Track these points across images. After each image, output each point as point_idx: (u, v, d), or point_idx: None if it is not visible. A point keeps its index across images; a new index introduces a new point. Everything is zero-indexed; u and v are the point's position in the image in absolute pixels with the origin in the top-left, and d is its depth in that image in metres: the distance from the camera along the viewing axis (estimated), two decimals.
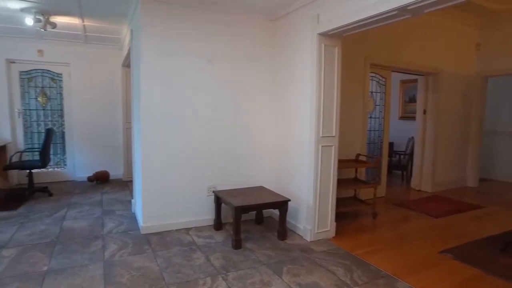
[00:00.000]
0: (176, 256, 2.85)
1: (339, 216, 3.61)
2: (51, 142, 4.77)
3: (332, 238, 3.32)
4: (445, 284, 2.47)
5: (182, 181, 3.49)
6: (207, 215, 3.62)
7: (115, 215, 3.94)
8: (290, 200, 3.28)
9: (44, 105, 5.54)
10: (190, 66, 3.43)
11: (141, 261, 2.75)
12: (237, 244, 3.02)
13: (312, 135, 3.18)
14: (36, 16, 3.76)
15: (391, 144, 6.56)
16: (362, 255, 2.92)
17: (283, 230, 3.26)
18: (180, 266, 2.67)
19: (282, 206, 3.22)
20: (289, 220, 3.48)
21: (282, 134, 3.73)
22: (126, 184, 5.50)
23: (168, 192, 3.43)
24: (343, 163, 3.81)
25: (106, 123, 5.76)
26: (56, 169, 5.70)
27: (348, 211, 4.07)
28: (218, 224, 3.48)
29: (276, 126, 3.83)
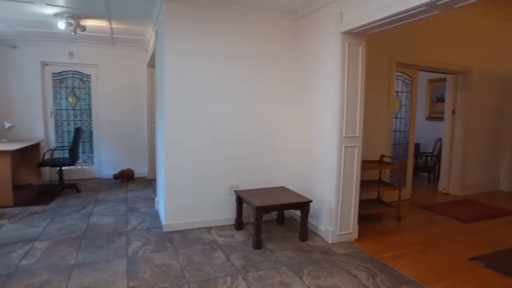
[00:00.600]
0: (197, 254, 2.89)
1: (362, 219, 3.53)
2: (80, 141, 4.97)
3: (355, 240, 3.25)
4: None
5: (204, 180, 3.53)
6: (228, 215, 3.65)
7: (139, 212, 4.04)
8: (311, 201, 3.24)
9: (74, 105, 5.78)
10: (213, 66, 3.46)
11: (163, 258, 2.80)
12: (257, 244, 3.02)
13: (335, 135, 3.12)
14: (68, 20, 3.94)
15: (417, 145, 6.35)
16: (385, 259, 2.84)
17: (304, 231, 3.22)
18: (201, 264, 2.70)
19: (303, 206, 3.19)
20: (310, 221, 3.44)
21: (305, 134, 3.69)
22: (150, 182, 5.63)
23: (190, 191, 3.48)
24: (366, 164, 3.72)
25: (131, 122, 5.93)
26: (84, 166, 5.93)
27: (372, 214, 3.97)
28: (239, 224, 3.49)
29: (299, 126, 3.79)
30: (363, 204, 3.63)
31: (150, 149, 5.79)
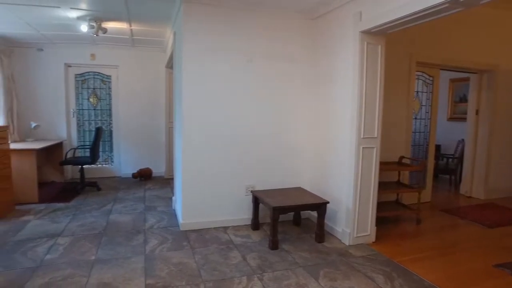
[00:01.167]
0: (213, 253, 2.91)
1: (380, 221, 3.46)
2: (100, 140, 5.11)
3: (372, 243, 3.19)
4: None
5: (221, 180, 3.56)
6: (244, 215, 3.66)
7: (157, 211, 4.11)
8: (328, 202, 3.20)
9: (95, 105, 5.95)
10: (230, 67, 3.48)
11: (179, 256, 2.84)
12: (273, 244, 3.01)
13: (353, 136, 3.08)
14: (90, 23, 4.07)
15: (438, 147, 6.17)
16: (404, 263, 2.77)
17: (321, 233, 3.19)
18: (217, 263, 2.72)
19: (320, 208, 3.16)
20: (327, 222, 3.41)
21: (322, 135, 3.65)
22: (168, 181, 5.72)
23: (207, 191, 3.51)
24: (385, 166, 3.65)
25: (150, 122, 6.04)
26: (104, 165, 6.09)
27: (390, 216, 3.89)
28: (256, 224, 3.50)
29: (316, 127, 3.76)
30: (381, 206, 3.56)
31: (168, 148, 5.89)
